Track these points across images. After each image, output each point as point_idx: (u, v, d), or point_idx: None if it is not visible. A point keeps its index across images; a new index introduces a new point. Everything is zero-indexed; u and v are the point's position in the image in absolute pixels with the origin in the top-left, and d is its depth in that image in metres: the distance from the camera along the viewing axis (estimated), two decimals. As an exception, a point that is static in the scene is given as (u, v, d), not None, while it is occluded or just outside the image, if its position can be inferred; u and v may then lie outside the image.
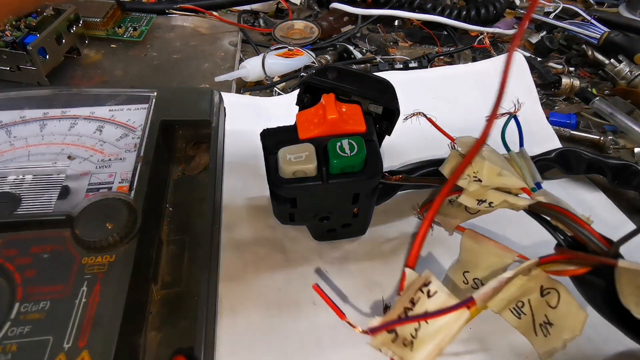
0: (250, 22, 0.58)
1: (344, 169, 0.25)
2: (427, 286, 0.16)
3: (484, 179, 0.22)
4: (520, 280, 0.19)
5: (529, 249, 0.22)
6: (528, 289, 0.19)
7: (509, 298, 0.19)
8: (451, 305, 0.16)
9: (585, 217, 0.20)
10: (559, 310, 0.18)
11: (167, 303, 0.27)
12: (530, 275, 0.19)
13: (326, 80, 0.28)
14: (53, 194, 0.28)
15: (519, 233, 0.31)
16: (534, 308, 0.19)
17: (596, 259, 0.18)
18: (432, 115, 0.31)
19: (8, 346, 0.21)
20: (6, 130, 0.32)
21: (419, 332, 0.16)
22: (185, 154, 0.36)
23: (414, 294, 0.17)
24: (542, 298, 0.19)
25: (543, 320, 0.18)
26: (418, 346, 0.15)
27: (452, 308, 0.16)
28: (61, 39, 0.45)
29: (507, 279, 0.17)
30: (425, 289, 0.16)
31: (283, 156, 0.25)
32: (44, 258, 0.25)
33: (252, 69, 0.45)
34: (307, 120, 0.27)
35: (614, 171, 0.35)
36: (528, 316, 0.19)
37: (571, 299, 0.18)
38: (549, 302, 0.18)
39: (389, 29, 0.58)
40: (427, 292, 0.16)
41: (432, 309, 0.16)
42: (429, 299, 0.16)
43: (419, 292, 0.16)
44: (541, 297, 0.19)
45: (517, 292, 0.19)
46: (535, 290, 0.19)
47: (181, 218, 0.32)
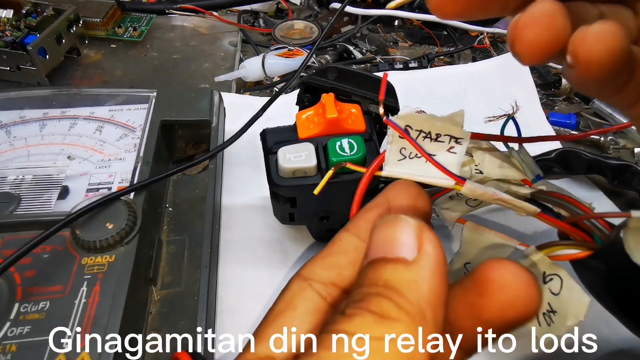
0: (250, 22, 0.58)
1: (343, 169, 0.25)
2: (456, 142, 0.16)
3: (485, 170, 0.23)
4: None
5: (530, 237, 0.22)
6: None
7: None
8: (451, 171, 0.17)
9: (587, 203, 0.20)
10: (561, 297, 0.18)
11: (167, 303, 0.27)
12: (533, 260, 0.19)
13: (326, 80, 0.28)
14: (53, 194, 0.28)
15: (520, 223, 0.31)
16: None
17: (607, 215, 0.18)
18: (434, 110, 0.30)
19: (8, 346, 0.21)
20: (6, 131, 0.32)
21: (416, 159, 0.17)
22: (185, 154, 0.36)
23: (442, 131, 0.17)
24: (544, 285, 0.19)
25: (546, 309, 0.18)
26: (404, 164, 0.17)
27: (450, 173, 0.16)
28: (61, 39, 0.45)
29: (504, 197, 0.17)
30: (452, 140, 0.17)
31: (283, 156, 0.25)
32: (43, 258, 0.25)
33: (252, 69, 0.45)
34: (306, 119, 0.27)
35: (614, 171, 0.35)
36: None
37: (574, 284, 0.18)
38: (552, 289, 0.18)
39: (389, 29, 0.58)
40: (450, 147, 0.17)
41: (439, 159, 0.16)
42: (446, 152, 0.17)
43: (446, 137, 0.17)
44: (544, 284, 0.19)
45: None
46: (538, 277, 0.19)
47: (181, 218, 0.32)
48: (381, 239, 0.14)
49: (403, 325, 0.12)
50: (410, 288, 0.12)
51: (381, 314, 0.12)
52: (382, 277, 0.13)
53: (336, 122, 0.26)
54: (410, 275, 0.13)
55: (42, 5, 0.45)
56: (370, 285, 0.13)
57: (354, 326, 0.12)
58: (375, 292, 0.12)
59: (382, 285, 0.13)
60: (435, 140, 0.17)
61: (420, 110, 0.17)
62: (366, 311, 0.12)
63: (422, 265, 0.13)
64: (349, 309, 0.12)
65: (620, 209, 0.36)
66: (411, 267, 0.13)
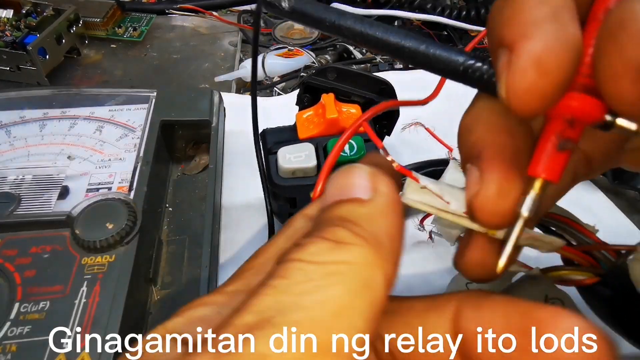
0: (250, 22, 0.58)
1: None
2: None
3: None
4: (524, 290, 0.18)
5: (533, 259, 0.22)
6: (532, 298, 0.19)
7: None
8: None
9: (590, 227, 0.20)
10: None
11: (167, 303, 0.27)
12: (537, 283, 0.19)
13: (326, 80, 0.28)
14: (53, 194, 0.28)
15: None
16: None
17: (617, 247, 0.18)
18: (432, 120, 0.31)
19: (8, 346, 0.21)
20: (6, 131, 0.32)
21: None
22: (185, 154, 0.36)
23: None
24: None
25: None
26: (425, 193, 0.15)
27: None
28: (61, 39, 0.45)
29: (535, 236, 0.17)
30: None
31: (283, 156, 0.25)
32: (43, 258, 0.25)
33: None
34: (306, 120, 0.27)
35: (614, 171, 0.35)
36: None
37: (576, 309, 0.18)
38: None
39: (389, 29, 0.58)
40: None
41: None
42: None
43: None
44: None
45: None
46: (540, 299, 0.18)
47: (181, 218, 0.32)
48: (335, 186, 0.14)
49: (359, 249, 0.11)
50: (365, 219, 0.12)
51: (336, 240, 0.12)
52: (337, 214, 0.13)
53: (336, 122, 0.26)
54: (366, 210, 0.13)
55: (42, 5, 0.45)
56: (324, 220, 0.13)
57: (309, 254, 0.11)
58: (330, 224, 0.12)
59: (337, 218, 0.12)
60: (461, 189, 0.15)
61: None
62: (320, 239, 0.12)
63: (377, 202, 0.13)
64: (303, 240, 0.12)
65: (620, 209, 0.36)
66: (366, 204, 0.13)
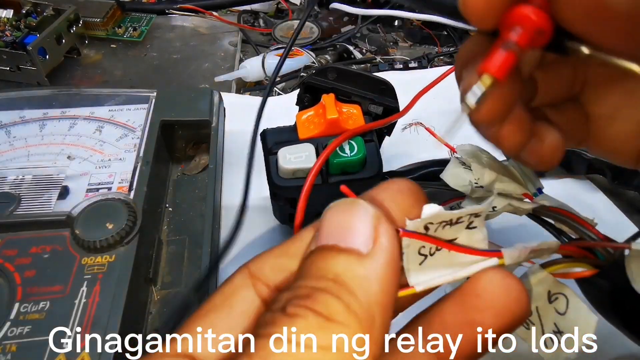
0: (250, 22, 0.58)
1: (344, 169, 0.25)
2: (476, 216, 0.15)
3: (485, 185, 0.22)
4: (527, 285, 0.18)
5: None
6: (535, 295, 0.19)
7: None
8: (482, 249, 0.15)
9: (589, 220, 0.20)
10: (568, 316, 0.18)
11: (167, 303, 0.27)
12: (538, 279, 0.19)
13: (326, 80, 0.28)
14: (53, 194, 0.28)
15: (520, 236, 0.31)
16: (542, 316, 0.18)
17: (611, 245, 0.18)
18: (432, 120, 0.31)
19: (8, 346, 0.21)
20: (6, 131, 0.32)
21: (438, 253, 0.15)
22: (185, 154, 0.36)
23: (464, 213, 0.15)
24: (550, 305, 0.18)
25: (552, 330, 0.18)
26: (429, 265, 0.14)
27: (483, 251, 0.15)
28: (61, 39, 0.45)
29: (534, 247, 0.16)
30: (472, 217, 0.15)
31: (283, 156, 0.25)
32: (43, 258, 0.25)
33: (252, 69, 0.45)
34: (307, 120, 0.27)
35: (614, 171, 0.35)
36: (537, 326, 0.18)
37: (580, 303, 0.18)
38: (558, 309, 0.18)
39: (389, 29, 0.58)
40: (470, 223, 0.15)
41: (463, 241, 0.15)
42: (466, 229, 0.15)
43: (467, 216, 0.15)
44: (549, 304, 0.18)
45: None
46: (543, 296, 0.18)
47: (181, 218, 0.32)
48: (334, 223, 0.13)
49: (350, 330, 0.11)
50: (361, 286, 0.11)
51: (327, 316, 0.11)
52: (332, 270, 0.12)
53: (336, 122, 0.26)
54: (363, 271, 0.12)
55: (42, 5, 0.45)
56: (319, 277, 0.12)
57: (298, 329, 0.10)
58: (323, 288, 0.11)
59: (331, 278, 0.11)
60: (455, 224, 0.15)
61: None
62: (311, 312, 0.11)
63: (376, 259, 0.12)
64: (291, 307, 0.11)
65: (620, 209, 0.36)
66: (365, 262, 0.12)
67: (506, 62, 0.14)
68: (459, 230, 0.15)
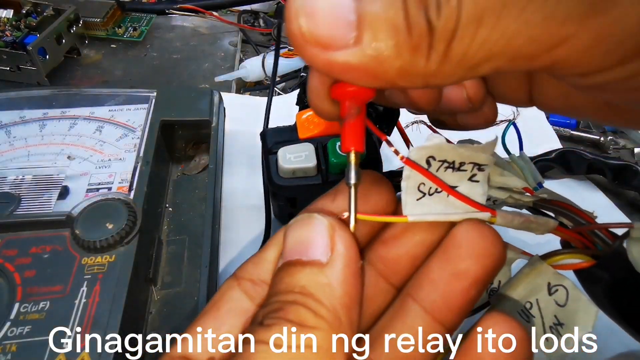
0: (250, 22, 0.58)
1: (343, 169, 0.25)
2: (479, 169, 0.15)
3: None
4: (527, 277, 0.19)
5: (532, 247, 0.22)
6: (536, 287, 0.19)
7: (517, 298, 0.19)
8: (479, 202, 0.16)
9: (589, 212, 0.20)
10: (568, 308, 0.18)
11: (167, 303, 0.27)
12: (537, 270, 0.19)
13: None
14: (53, 194, 0.28)
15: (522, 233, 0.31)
16: (542, 309, 0.18)
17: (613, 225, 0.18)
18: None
19: (8, 346, 0.21)
20: (6, 131, 0.32)
21: (436, 195, 0.15)
22: (185, 154, 0.36)
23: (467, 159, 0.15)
24: (550, 297, 0.18)
25: (553, 322, 0.18)
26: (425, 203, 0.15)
27: (480, 205, 0.15)
28: (61, 39, 0.45)
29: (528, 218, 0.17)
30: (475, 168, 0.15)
31: (283, 156, 0.25)
32: (43, 258, 0.25)
33: (252, 69, 0.45)
34: (306, 120, 0.27)
35: (614, 171, 0.35)
36: (537, 318, 0.18)
37: (580, 294, 0.18)
38: (558, 301, 0.18)
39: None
40: (472, 175, 0.15)
41: (463, 190, 0.15)
42: (467, 181, 0.16)
43: (469, 164, 0.15)
44: (549, 296, 0.18)
45: (525, 291, 0.19)
46: (543, 288, 0.18)
47: (181, 218, 0.32)
48: (295, 240, 0.14)
49: (321, 332, 0.12)
50: (325, 292, 0.13)
51: (299, 322, 0.12)
52: (298, 283, 0.13)
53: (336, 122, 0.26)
54: (325, 279, 0.13)
55: (42, 5, 0.45)
56: (287, 292, 0.13)
57: (275, 337, 0.12)
58: (292, 300, 0.13)
59: (298, 291, 0.13)
60: (458, 170, 0.15)
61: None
62: (284, 320, 0.12)
63: (335, 266, 0.13)
64: (267, 319, 0.12)
65: (620, 209, 0.36)
66: (325, 270, 0.13)
67: (357, 133, 0.15)
68: (460, 179, 0.15)
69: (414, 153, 0.15)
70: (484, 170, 0.15)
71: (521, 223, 0.17)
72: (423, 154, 0.15)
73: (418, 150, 0.14)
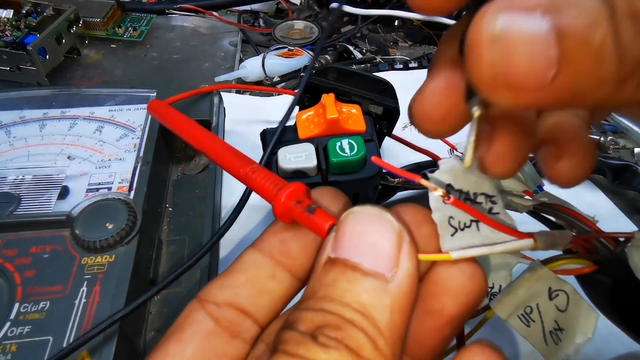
0: (250, 22, 0.58)
1: (343, 169, 0.25)
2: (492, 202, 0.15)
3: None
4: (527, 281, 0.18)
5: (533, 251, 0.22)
6: (536, 292, 0.18)
7: (517, 302, 0.18)
8: (516, 230, 0.15)
9: (590, 217, 0.20)
10: (568, 313, 0.18)
11: (167, 303, 0.27)
12: (538, 275, 0.18)
13: (326, 80, 0.28)
14: (53, 194, 0.28)
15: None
16: (542, 313, 0.18)
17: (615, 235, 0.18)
18: None
19: (8, 346, 0.21)
20: (6, 131, 0.32)
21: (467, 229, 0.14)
22: (185, 154, 0.36)
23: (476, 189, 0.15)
24: (550, 302, 0.18)
25: (553, 327, 0.18)
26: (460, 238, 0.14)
27: (520, 232, 0.14)
28: (61, 39, 0.45)
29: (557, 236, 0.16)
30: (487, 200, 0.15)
31: (283, 156, 0.25)
32: (43, 258, 0.25)
33: (252, 69, 0.45)
34: (307, 120, 0.27)
35: (614, 171, 0.35)
36: (537, 323, 0.18)
37: (581, 300, 0.18)
38: (558, 306, 0.18)
39: (389, 29, 0.58)
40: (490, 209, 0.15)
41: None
42: (488, 214, 0.15)
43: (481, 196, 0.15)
44: (550, 301, 0.18)
45: (525, 296, 0.18)
46: (544, 293, 0.18)
47: (181, 218, 0.32)
48: (357, 236, 0.12)
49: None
50: (386, 319, 0.12)
51: (356, 351, 0.11)
52: (357, 298, 0.12)
53: (336, 122, 0.26)
54: (387, 301, 0.12)
55: (42, 5, 0.45)
56: (344, 304, 0.12)
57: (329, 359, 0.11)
58: (351, 319, 0.11)
59: (358, 309, 0.11)
60: (474, 202, 0.15)
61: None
62: (343, 346, 0.11)
63: (399, 287, 0.12)
64: (323, 337, 0.11)
65: (620, 209, 0.36)
66: (389, 290, 0.12)
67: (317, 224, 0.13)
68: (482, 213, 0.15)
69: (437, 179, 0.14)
70: (496, 203, 0.15)
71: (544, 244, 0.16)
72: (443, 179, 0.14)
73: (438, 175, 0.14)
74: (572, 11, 0.09)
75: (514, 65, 0.10)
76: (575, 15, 0.09)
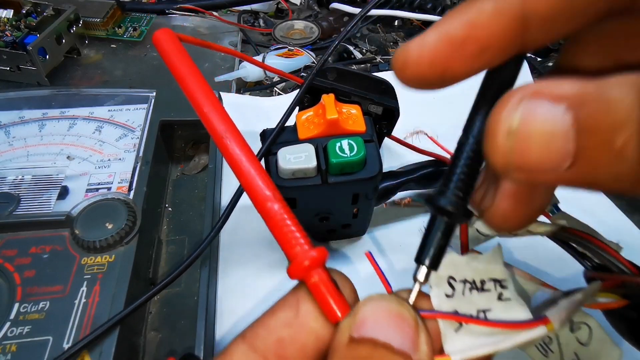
0: (250, 22, 0.58)
1: (343, 169, 0.25)
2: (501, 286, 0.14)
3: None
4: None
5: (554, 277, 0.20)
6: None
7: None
8: (526, 320, 0.14)
9: (613, 244, 0.18)
10: (591, 348, 0.17)
11: (167, 303, 0.27)
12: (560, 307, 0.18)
13: (326, 80, 0.28)
14: (52, 194, 0.28)
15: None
16: (562, 345, 0.18)
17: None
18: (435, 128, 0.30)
19: (8, 346, 0.21)
20: (5, 131, 0.32)
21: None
22: (185, 154, 0.36)
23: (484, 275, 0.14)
24: (572, 334, 0.17)
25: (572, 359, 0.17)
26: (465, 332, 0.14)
27: (528, 323, 0.14)
28: (61, 39, 0.45)
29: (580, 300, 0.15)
30: (497, 285, 0.14)
31: (282, 156, 0.25)
32: (43, 258, 0.25)
33: (252, 69, 0.45)
34: (306, 120, 0.27)
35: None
36: (556, 354, 0.18)
37: (605, 336, 0.17)
38: (580, 339, 0.17)
39: (389, 29, 0.58)
40: (499, 294, 0.14)
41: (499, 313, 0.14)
42: (498, 301, 0.14)
43: (490, 282, 0.14)
44: (571, 333, 0.18)
45: None
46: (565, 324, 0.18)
47: (181, 218, 0.32)
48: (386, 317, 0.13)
49: None
50: None
51: None
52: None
53: (336, 122, 0.26)
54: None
55: (42, 5, 0.45)
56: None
57: None
58: None
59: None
60: (482, 290, 0.14)
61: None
62: None
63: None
64: None
65: (620, 209, 0.36)
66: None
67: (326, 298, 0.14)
68: (490, 301, 0.14)
69: (434, 279, 0.14)
70: (507, 287, 0.14)
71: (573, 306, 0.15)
72: (442, 274, 0.14)
73: (437, 274, 0.14)
74: (599, 108, 0.09)
75: (529, 155, 0.10)
76: (602, 114, 0.09)
